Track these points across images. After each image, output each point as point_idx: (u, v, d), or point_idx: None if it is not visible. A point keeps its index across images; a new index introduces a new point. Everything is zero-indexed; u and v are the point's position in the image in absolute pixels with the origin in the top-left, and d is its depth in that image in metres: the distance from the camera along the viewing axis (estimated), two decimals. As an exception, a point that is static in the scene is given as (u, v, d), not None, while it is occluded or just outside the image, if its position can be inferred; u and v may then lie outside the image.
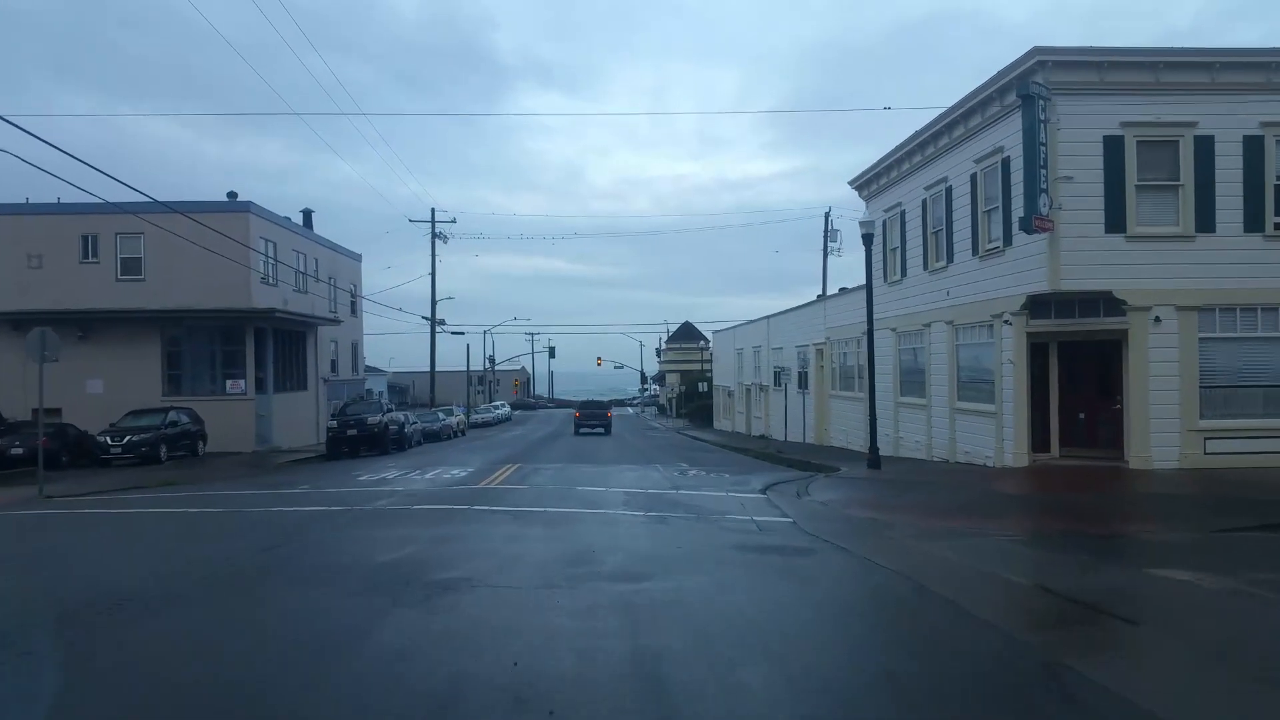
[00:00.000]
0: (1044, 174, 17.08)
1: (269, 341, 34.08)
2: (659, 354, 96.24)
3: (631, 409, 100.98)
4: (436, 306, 55.39)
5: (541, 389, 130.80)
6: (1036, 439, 18.94)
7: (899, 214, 25.57)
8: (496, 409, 73.04)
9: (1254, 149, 17.45)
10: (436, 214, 54.63)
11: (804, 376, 29.94)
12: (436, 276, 55.15)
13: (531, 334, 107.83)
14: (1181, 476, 16.40)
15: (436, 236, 54.34)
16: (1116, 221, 17.45)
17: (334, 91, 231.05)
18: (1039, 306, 18.40)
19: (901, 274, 25.47)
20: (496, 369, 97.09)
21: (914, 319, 24.24)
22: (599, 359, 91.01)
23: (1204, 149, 17.43)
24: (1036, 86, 16.98)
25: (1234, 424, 17.48)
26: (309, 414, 38.57)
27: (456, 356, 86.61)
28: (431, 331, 55.35)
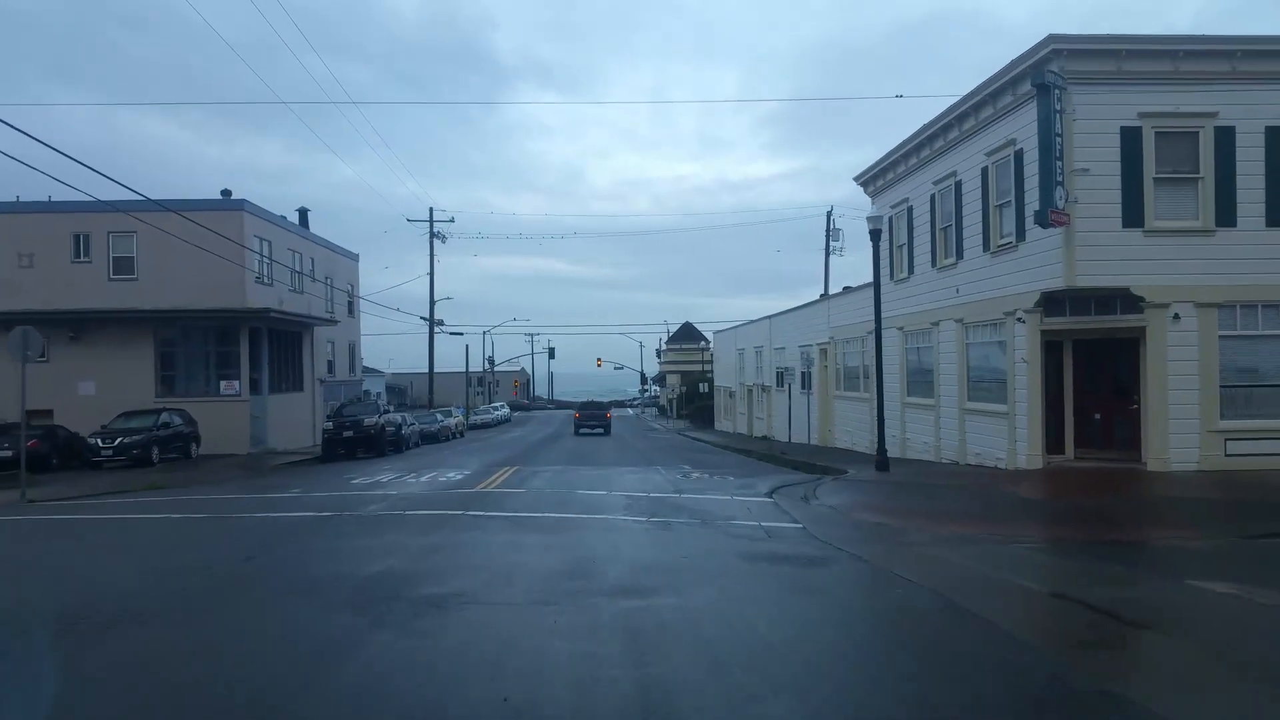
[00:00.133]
0: (1059, 166, 16.49)
1: (264, 342, 33.48)
2: (659, 355, 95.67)
3: (632, 410, 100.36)
4: (435, 307, 54.91)
5: (541, 390, 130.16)
6: (1050, 440, 18.36)
7: (906, 210, 24.98)
8: (496, 410, 72.48)
9: (1276, 140, 16.85)
10: (435, 214, 54.24)
11: (807, 377, 29.36)
12: (435, 277, 54.66)
13: (531, 335, 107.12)
14: (1201, 479, 15.81)
15: (435, 236, 53.91)
16: (1134, 215, 16.87)
17: (334, 91, 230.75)
18: (1053, 303, 17.81)
19: (909, 271, 24.88)
20: (496, 370, 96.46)
21: (922, 317, 23.64)
22: (599, 360, 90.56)
23: (1225, 140, 16.84)
24: (1052, 75, 16.39)
25: (1256, 425, 16.90)
26: (305, 415, 37.96)
27: (455, 357, 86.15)
28: (430, 332, 54.84)
